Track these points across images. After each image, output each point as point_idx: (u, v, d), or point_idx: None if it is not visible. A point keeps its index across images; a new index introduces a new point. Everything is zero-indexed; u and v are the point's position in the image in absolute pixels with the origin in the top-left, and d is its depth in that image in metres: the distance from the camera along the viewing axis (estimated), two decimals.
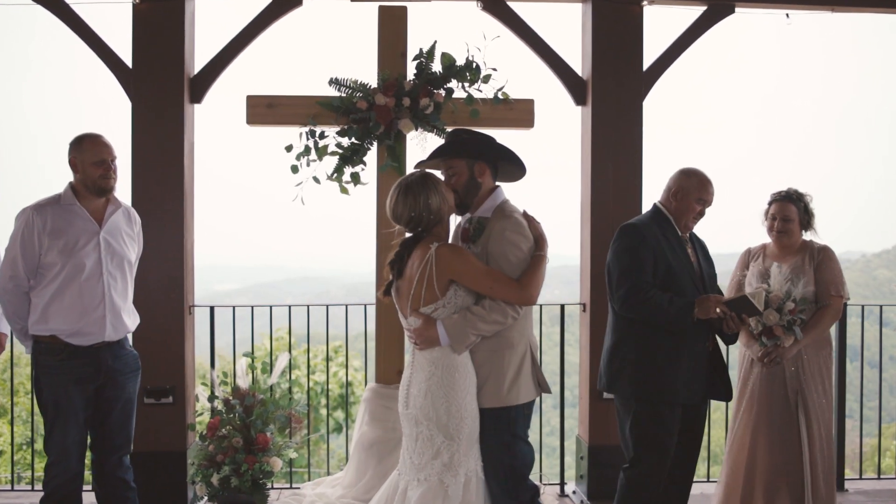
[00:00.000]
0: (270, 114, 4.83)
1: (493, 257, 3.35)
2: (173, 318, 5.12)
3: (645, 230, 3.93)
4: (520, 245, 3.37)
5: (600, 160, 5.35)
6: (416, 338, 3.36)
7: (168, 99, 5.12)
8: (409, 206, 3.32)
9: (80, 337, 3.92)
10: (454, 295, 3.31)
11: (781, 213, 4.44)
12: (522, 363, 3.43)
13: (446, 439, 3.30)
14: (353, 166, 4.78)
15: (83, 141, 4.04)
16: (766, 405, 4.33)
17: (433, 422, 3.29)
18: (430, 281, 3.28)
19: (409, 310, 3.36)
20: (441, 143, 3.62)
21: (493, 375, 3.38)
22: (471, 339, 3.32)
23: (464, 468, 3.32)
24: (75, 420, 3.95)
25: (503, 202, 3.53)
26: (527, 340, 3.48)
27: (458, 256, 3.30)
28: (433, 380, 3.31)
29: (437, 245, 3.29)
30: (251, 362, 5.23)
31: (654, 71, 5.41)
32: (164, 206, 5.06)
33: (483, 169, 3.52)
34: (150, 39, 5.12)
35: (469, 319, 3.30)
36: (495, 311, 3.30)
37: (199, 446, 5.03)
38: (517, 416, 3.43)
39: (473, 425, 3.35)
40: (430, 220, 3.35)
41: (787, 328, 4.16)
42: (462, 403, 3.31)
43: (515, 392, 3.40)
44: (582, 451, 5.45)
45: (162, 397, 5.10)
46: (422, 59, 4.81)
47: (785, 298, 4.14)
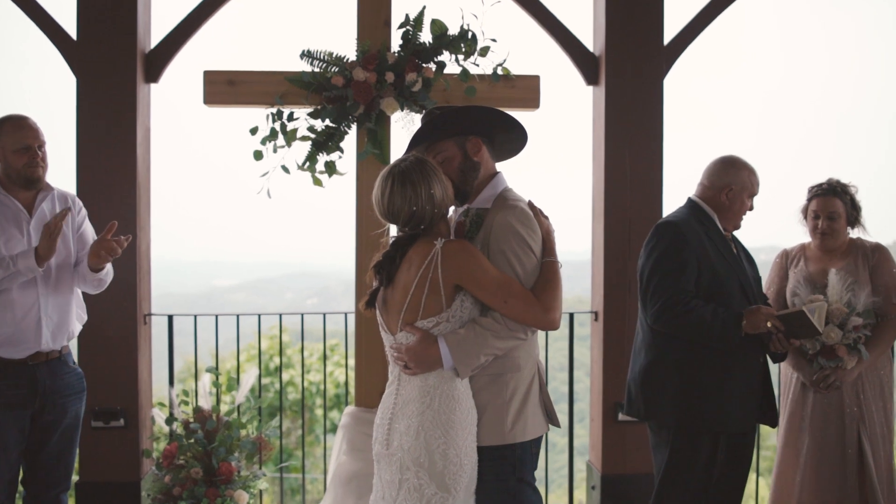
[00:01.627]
0: (232, 92, 4.13)
1: (496, 258, 2.66)
2: (125, 329, 4.49)
3: (686, 228, 3.31)
4: (528, 245, 2.64)
5: (615, 147, 4.68)
6: (409, 359, 2.62)
7: (119, 77, 4.47)
8: (408, 199, 2.55)
9: (10, 347, 3.35)
10: (461, 306, 2.58)
11: (825, 210, 3.75)
12: (530, 390, 2.71)
13: (440, 491, 2.58)
14: (328, 153, 4.07)
15: (3, 125, 3.43)
16: (818, 438, 3.65)
17: (424, 469, 2.57)
18: (435, 286, 2.54)
19: (402, 323, 2.64)
20: (418, 129, 2.85)
21: (494, 405, 2.65)
22: (480, 361, 2.59)
23: None
24: (4, 454, 3.37)
25: (505, 190, 2.79)
26: (534, 361, 2.76)
27: (470, 256, 2.55)
28: (427, 415, 2.59)
29: (444, 241, 2.58)
30: (215, 379, 4.57)
31: (677, 45, 4.75)
32: (115, 198, 4.42)
33: (477, 144, 2.79)
34: (99, 9, 4.48)
35: (479, 335, 2.57)
36: (510, 324, 2.60)
37: (155, 476, 4.39)
38: (523, 455, 2.71)
39: (473, 474, 2.64)
40: (434, 215, 2.61)
41: (852, 347, 3.52)
42: (462, 446, 2.59)
43: (522, 426, 2.68)
44: (594, 479, 4.79)
45: (112, 420, 4.48)
46: (408, 28, 4.07)
47: (850, 312, 3.48)
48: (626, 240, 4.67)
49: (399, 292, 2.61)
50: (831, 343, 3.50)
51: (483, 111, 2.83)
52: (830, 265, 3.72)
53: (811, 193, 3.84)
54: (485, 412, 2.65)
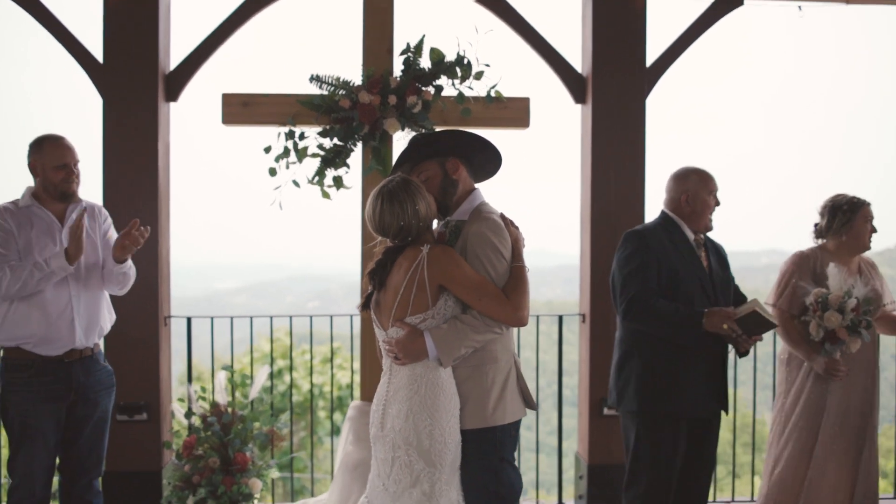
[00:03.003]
0: (247, 113, 4.51)
1: (472, 263, 2.99)
2: (147, 330, 4.83)
3: (649, 235, 3.77)
4: (500, 251, 3.01)
5: (601, 162, 5.05)
6: (399, 350, 2.99)
7: (142, 97, 4.83)
8: (396, 215, 2.95)
9: (48, 345, 3.68)
10: (444, 305, 2.96)
11: (871, 218, 4.14)
12: (508, 378, 3.08)
13: (427, 466, 2.96)
14: (336, 169, 4.45)
15: (44, 143, 3.78)
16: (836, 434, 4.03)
17: (413, 447, 2.95)
18: (422, 286, 2.92)
19: (392, 320, 3.01)
20: (402, 152, 3.20)
21: (476, 393, 3.03)
22: (461, 353, 2.96)
23: (445, 499, 2.98)
24: (44, 443, 3.70)
25: (481, 204, 3.17)
26: (510, 354, 3.13)
27: (452, 260, 2.93)
28: (415, 400, 2.97)
29: (430, 246, 2.96)
30: (230, 376, 4.93)
31: (658, 67, 5.10)
32: (138, 208, 4.77)
33: (456, 164, 3.16)
34: (123, 34, 4.83)
35: (460, 329, 2.94)
36: (487, 320, 2.98)
37: (175, 466, 4.75)
38: (503, 437, 3.08)
39: (457, 452, 3.02)
40: (420, 228, 3.00)
41: (852, 329, 3.86)
42: (446, 427, 2.97)
43: (501, 411, 3.05)
44: (581, 469, 5.15)
45: (135, 414, 4.81)
46: (409, 55, 4.47)
47: (846, 297, 3.84)
48: (612, 247, 5.00)
49: (390, 293, 2.98)
50: (832, 327, 3.84)
51: (459, 135, 3.20)
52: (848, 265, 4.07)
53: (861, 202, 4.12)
54: (468, 399, 3.02)
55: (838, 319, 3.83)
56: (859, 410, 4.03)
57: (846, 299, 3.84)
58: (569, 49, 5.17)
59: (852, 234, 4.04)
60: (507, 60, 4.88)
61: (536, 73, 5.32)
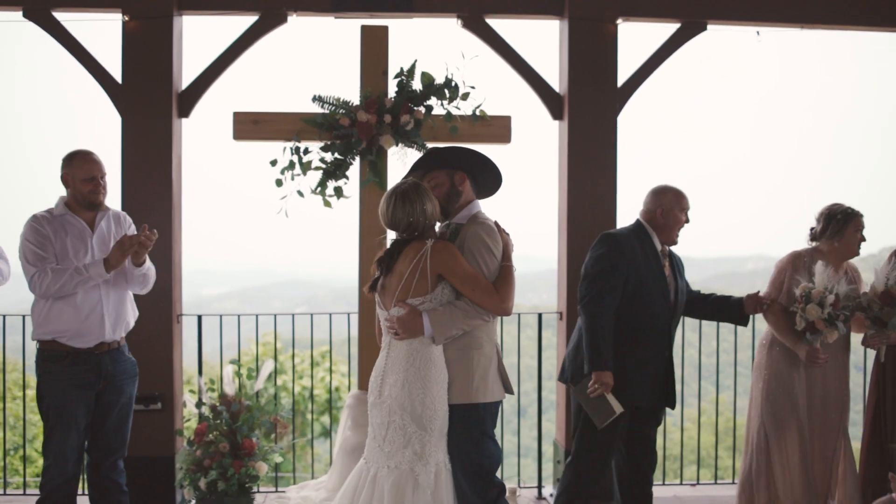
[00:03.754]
0: (256, 129, 5.00)
1: (468, 259, 3.51)
2: (162, 327, 5.26)
3: (623, 241, 4.20)
4: (492, 251, 3.54)
5: (577, 173, 5.53)
6: (399, 327, 3.47)
7: (157, 114, 5.27)
8: (406, 212, 3.47)
9: (80, 339, 4.10)
10: (441, 292, 3.47)
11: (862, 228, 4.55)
12: (489, 363, 3.59)
13: (419, 429, 3.44)
14: (337, 180, 4.95)
15: (74, 158, 4.21)
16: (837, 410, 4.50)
17: (407, 412, 3.44)
18: (424, 274, 3.42)
19: (395, 300, 3.48)
20: (419, 158, 3.77)
21: (462, 373, 3.53)
22: (452, 333, 3.47)
23: (434, 459, 3.47)
24: (75, 425, 4.12)
25: (478, 212, 3.72)
26: (493, 343, 3.65)
27: (451, 254, 3.45)
28: (410, 371, 3.46)
29: (434, 241, 3.46)
30: (237, 369, 5.39)
31: (629, 87, 5.60)
32: (153, 217, 5.16)
33: (462, 178, 3.71)
34: (140, 56, 5.27)
35: (454, 313, 3.45)
36: (477, 308, 3.47)
37: (187, 451, 5.18)
38: (485, 413, 3.58)
39: (444, 419, 3.51)
40: (426, 226, 3.52)
41: (829, 322, 4.27)
42: (436, 397, 3.47)
43: (483, 390, 3.55)
44: (559, 455, 5.62)
45: (151, 403, 5.23)
46: (402, 78, 4.98)
47: (826, 292, 4.27)
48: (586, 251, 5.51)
49: (395, 278, 3.50)
50: (812, 318, 4.29)
51: (470, 153, 3.75)
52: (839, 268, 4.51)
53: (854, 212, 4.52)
54: (455, 379, 3.53)
55: (817, 312, 4.26)
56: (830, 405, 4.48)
57: (826, 295, 4.27)
58: (547, 70, 5.62)
59: (843, 241, 4.46)
60: (491, 80, 5.36)
61: (518, 92, 5.80)
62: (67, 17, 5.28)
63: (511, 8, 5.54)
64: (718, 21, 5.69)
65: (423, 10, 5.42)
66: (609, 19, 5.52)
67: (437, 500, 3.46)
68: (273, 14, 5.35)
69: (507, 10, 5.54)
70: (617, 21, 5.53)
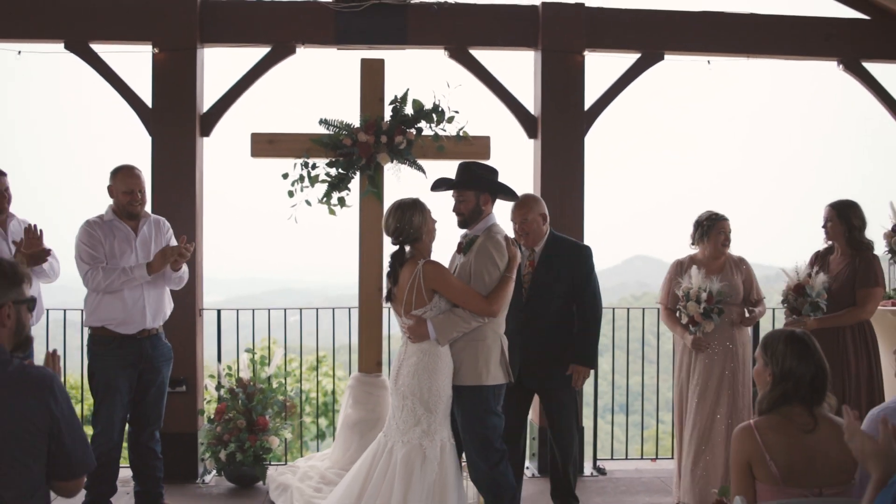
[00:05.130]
0: (271, 148, 5.80)
1: (475, 269, 4.26)
2: (186, 320, 5.99)
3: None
4: (496, 263, 4.27)
5: (549, 185, 6.30)
6: (410, 333, 4.24)
7: (182, 133, 6.04)
8: (396, 219, 4.24)
9: (126, 326, 4.85)
10: (438, 301, 4.22)
11: (725, 230, 5.27)
12: (491, 353, 4.31)
13: (426, 411, 4.21)
14: (340, 192, 5.75)
15: (118, 173, 4.98)
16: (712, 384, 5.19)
17: (417, 397, 4.21)
18: (420, 290, 4.18)
19: (403, 311, 4.25)
20: (456, 174, 4.52)
21: (469, 360, 4.28)
22: (453, 335, 4.22)
23: (439, 435, 4.23)
24: (120, 399, 4.85)
25: (492, 225, 4.46)
26: (498, 335, 4.37)
27: (438, 273, 4.20)
28: (420, 365, 4.22)
29: (423, 262, 4.21)
30: (252, 357, 6.15)
31: (595, 110, 6.39)
32: (179, 223, 5.86)
33: (487, 199, 4.46)
34: (168, 83, 6.04)
35: (452, 320, 4.20)
36: (472, 315, 4.21)
37: (208, 428, 5.94)
38: (488, 393, 4.31)
39: (448, 403, 4.27)
40: (410, 234, 4.25)
41: (706, 315, 5.06)
42: (441, 385, 4.23)
43: (486, 374, 4.28)
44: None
45: (177, 386, 5.92)
46: (396, 104, 5.80)
47: (700, 291, 5.05)
48: None
49: (400, 291, 4.27)
50: (691, 314, 5.10)
51: (495, 181, 4.53)
52: (713, 272, 5.25)
53: (718, 217, 5.26)
54: (463, 364, 4.28)
55: (695, 308, 5.07)
56: (721, 372, 5.18)
57: (701, 293, 5.06)
58: (523, 95, 6.45)
59: (710, 244, 5.24)
60: (474, 103, 6.14)
61: (497, 114, 6.61)
62: (104, 48, 6.06)
63: (491, 41, 6.34)
64: (674, 52, 6.49)
65: (414, 42, 6.22)
66: (577, 50, 6.31)
67: (442, 469, 4.21)
68: (283, 46, 6.15)
69: (487, 42, 6.33)
70: (584, 52, 6.33)
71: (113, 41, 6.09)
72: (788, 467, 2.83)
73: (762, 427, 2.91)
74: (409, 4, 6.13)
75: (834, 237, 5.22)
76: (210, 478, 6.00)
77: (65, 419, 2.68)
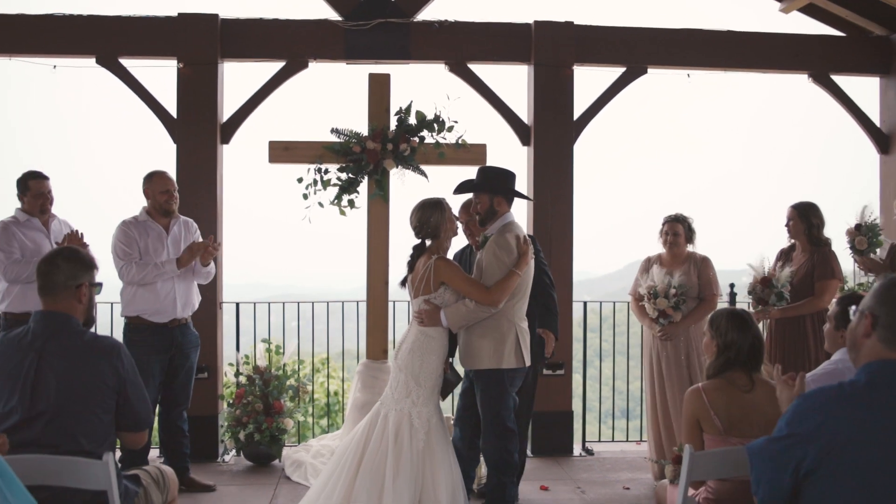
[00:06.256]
0: (287, 154, 6.35)
1: (484, 264, 4.73)
2: (207, 312, 6.48)
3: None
4: (501, 259, 4.70)
5: (541, 188, 6.86)
6: (425, 317, 4.72)
7: (204, 141, 6.58)
8: (417, 216, 4.77)
9: (158, 315, 5.39)
10: (443, 292, 4.72)
11: (672, 230, 5.92)
12: (506, 340, 4.72)
13: (416, 385, 4.73)
14: (350, 194, 6.29)
15: (153, 176, 5.54)
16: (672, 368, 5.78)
17: (409, 371, 4.73)
18: (428, 281, 4.71)
19: (414, 296, 4.78)
20: (474, 177, 4.99)
21: (487, 346, 4.72)
22: (462, 324, 4.71)
23: (426, 409, 4.72)
24: (153, 382, 5.36)
25: (508, 223, 4.87)
26: (514, 326, 4.77)
27: (448, 268, 4.70)
28: (416, 344, 4.75)
29: (436, 258, 4.72)
30: (268, 346, 6.69)
31: (583, 120, 6.94)
32: (202, 224, 6.34)
33: (500, 201, 4.89)
34: (191, 95, 6.58)
35: (461, 311, 4.67)
36: (479, 306, 4.67)
37: (228, 411, 6.46)
38: (504, 377, 4.76)
39: (436, 382, 4.76)
40: (427, 232, 4.76)
41: (675, 307, 5.62)
42: (432, 364, 4.74)
43: (500, 358, 4.72)
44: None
45: (199, 373, 6.39)
46: (401, 115, 6.36)
47: (668, 286, 5.61)
48: (548, 252, 6.84)
49: (413, 278, 4.79)
50: (662, 308, 5.64)
51: (509, 185, 4.96)
52: (674, 267, 5.85)
53: (664, 220, 5.94)
54: (482, 349, 4.73)
55: (665, 302, 5.62)
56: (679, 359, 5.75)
57: (669, 289, 5.60)
58: (518, 105, 6.99)
59: (661, 241, 5.89)
60: (472, 113, 6.67)
61: (493, 123, 7.19)
62: (132, 63, 6.60)
63: (488, 56, 6.89)
64: (656, 66, 7.04)
65: (417, 58, 6.78)
66: (566, 65, 6.85)
67: (429, 441, 4.69)
68: (297, 60, 6.70)
69: (484, 57, 6.88)
70: (573, 66, 6.87)
71: (140, 56, 6.62)
72: (729, 421, 3.38)
73: (708, 389, 3.47)
74: (412, 23, 6.69)
75: (795, 235, 5.76)
76: (230, 457, 6.53)
77: (129, 380, 3.23)
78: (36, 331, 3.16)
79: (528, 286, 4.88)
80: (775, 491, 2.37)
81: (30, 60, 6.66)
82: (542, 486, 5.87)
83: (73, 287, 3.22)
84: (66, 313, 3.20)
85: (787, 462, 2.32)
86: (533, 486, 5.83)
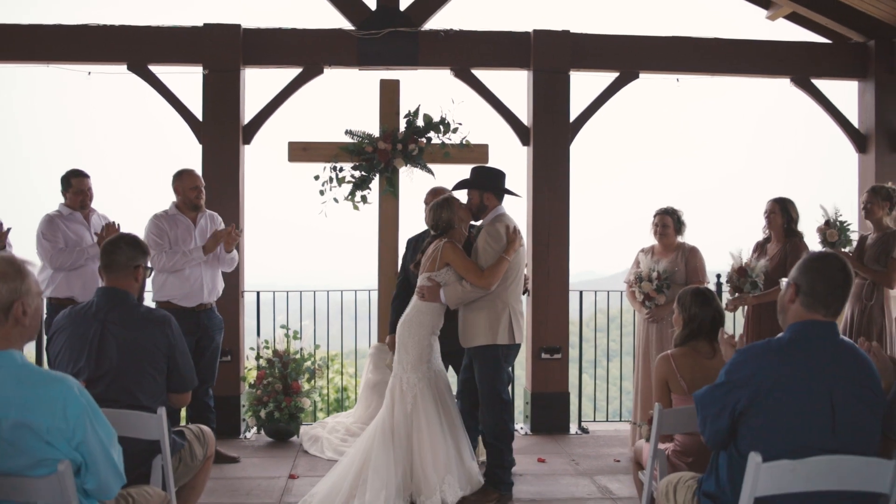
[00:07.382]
0: (305, 154, 6.89)
1: (478, 251, 5.21)
2: (231, 300, 7.01)
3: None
4: (491, 245, 5.19)
5: (539, 186, 7.36)
6: (426, 292, 5.23)
7: (228, 143, 7.10)
8: (432, 216, 5.32)
9: (187, 300, 5.92)
10: (446, 272, 5.20)
11: (662, 222, 6.41)
12: (500, 318, 5.20)
13: (404, 352, 5.26)
14: (362, 191, 6.84)
15: (183, 174, 6.07)
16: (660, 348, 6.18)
17: (400, 338, 5.30)
18: (434, 260, 5.22)
19: (421, 272, 5.29)
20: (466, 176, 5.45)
21: (482, 324, 5.20)
22: (458, 301, 5.20)
23: (414, 375, 5.20)
24: None
25: (498, 215, 5.34)
26: (507, 306, 5.24)
27: (453, 252, 5.19)
28: (410, 315, 5.30)
29: (444, 242, 5.22)
30: (286, 332, 7.22)
31: (579, 122, 7.45)
32: (226, 219, 6.91)
33: (489, 197, 5.37)
34: (215, 99, 7.10)
35: (458, 290, 5.16)
36: (473, 287, 5.16)
37: (250, 392, 6.99)
38: (497, 352, 5.23)
39: (422, 350, 5.23)
40: (442, 227, 5.28)
41: (659, 290, 6.12)
42: (419, 335, 5.24)
43: (493, 334, 5.20)
44: (527, 398, 7.43)
45: (223, 357, 6.92)
46: (410, 117, 6.90)
47: (652, 271, 6.11)
48: (546, 244, 7.36)
49: (424, 258, 5.30)
50: (647, 291, 6.15)
51: (497, 182, 5.42)
52: (665, 256, 6.34)
53: (655, 212, 6.41)
54: (479, 327, 5.21)
55: (650, 286, 6.13)
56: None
57: (651, 273, 6.12)
58: (517, 108, 7.50)
59: (651, 232, 6.38)
60: (475, 115, 7.19)
61: (495, 124, 7.71)
62: (161, 70, 7.12)
63: (490, 62, 7.40)
64: (647, 71, 7.54)
65: (424, 64, 7.29)
66: (563, 70, 7.37)
67: (416, 407, 5.14)
68: (313, 67, 7.22)
69: (487, 64, 7.39)
70: (569, 71, 7.37)
71: (169, 63, 7.15)
72: (693, 383, 3.90)
73: (676, 355, 4.00)
74: (420, 32, 7.21)
75: (772, 226, 6.24)
76: (251, 434, 7.07)
77: (178, 347, 3.78)
78: (99, 304, 3.71)
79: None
80: (717, 430, 2.90)
81: (67, 67, 7.19)
82: (539, 458, 6.37)
83: (132, 267, 3.77)
84: (125, 290, 3.75)
85: (726, 405, 2.84)
86: (531, 459, 6.34)
